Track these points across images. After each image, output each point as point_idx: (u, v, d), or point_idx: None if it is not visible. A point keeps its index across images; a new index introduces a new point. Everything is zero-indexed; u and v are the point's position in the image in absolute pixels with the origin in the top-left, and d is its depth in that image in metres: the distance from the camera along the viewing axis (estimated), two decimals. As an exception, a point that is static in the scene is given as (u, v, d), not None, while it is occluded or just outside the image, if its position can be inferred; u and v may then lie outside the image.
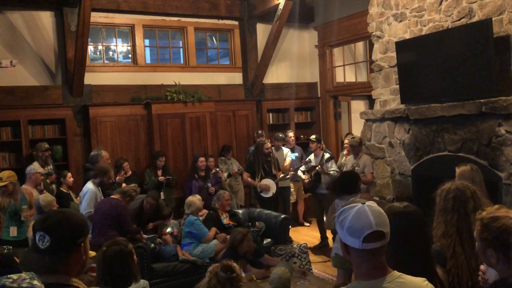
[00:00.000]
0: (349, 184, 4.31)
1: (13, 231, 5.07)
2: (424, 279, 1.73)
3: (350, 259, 1.68)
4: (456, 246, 2.39)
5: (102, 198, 5.42)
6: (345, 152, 6.86)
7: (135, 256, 2.96)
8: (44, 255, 1.67)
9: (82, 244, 1.74)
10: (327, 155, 6.76)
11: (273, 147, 7.15)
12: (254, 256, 4.75)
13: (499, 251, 1.82)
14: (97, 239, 4.79)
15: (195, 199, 5.67)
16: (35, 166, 5.73)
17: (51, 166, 6.27)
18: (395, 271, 1.68)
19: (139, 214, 5.86)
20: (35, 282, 1.52)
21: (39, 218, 1.79)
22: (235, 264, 3.06)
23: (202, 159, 6.98)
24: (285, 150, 7.59)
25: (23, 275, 1.53)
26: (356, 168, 6.00)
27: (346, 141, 7.11)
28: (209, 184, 6.90)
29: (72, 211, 1.89)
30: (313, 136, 7.07)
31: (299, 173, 7.13)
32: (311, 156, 7.01)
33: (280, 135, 7.61)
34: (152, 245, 5.39)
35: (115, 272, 2.78)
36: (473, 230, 2.00)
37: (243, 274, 3.17)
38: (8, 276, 1.50)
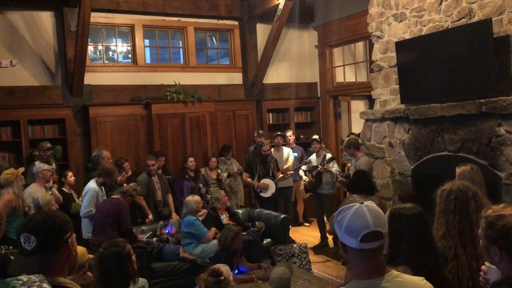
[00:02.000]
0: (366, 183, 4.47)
1: None
2: (422, 278, 1.73)
3: (348, 258, 1.69)
4: (457, 247, 2.40)
5: (104, 197, 5.41)
6: (345, 152, 6.88)
7: (134, 258, 2.93)
8: (32, 256, 1.66)
9: (69, 240, 1.73)
10: (329, 155, 6.76)
11: (272, 148, 7.15)
12: (239, 254, 4.75)
13: (502, 249, 1.83)
14: (97, 238, 4.79)
15: (191, 199, 5.65)
16: (40, 164, 5.70)
17: (53, 166, 6.25)
18: (394, 270, 1.69)
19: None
20: (45, 285, 1.51)
21: (23, 221, 1.77)
22: (222, 268, 3.09)
23: (191, 159, 6.95)
24: (286, 150, 7.60)
25: (33, 277, 1.52)
26: (354, 170, 5.99)
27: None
28: (201, 185, 6.87)
29: (54, 211, 1.88)
30: (316, 136, 7.06)
31: (300, 173, 7.12)
32: (313, 156, 6.99)
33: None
34: (155, 241, 5.41)
35: (112, 274, 2.75)
36: (475, 231, 2.01)
37: (231, 276, 3.21)
38: (18, 278, 1.50)
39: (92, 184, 5.40)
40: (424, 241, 2.04)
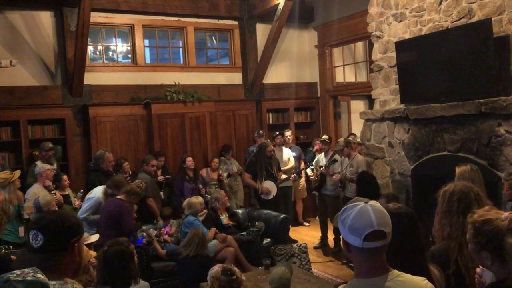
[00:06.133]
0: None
1: (21, 231, 5.06)
2: (423, 278, 1.74)
3: (351, 257, 1.69)
4: (462, 248, 2.37)
5: None
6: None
7: (135, 258, 2.95)
8: (37, 253, 1.70)
9: (76, 244, 1.76)
10: (334, 157, 6.72)
11: (274, 148, 7.15)
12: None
13: (493, 253, 1.82)
14: (100, 239, 4.77)
15: (196, 201, 5.65)
16: (43, 164, 5.68)
17: (54, 166, 6.24)
18: (395, 270, 1.69)
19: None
20: (39, 275, 1.55)
21: (35, 218, 1.82)
22: (235, 268, 3.08)
23: (189, 158, 6.89)
24: (287, 150, 7.59)
25: (26, 270, 1.56)
26: (350, 169, 6.00)
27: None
28: (201, 186, 6.85)
29: (68, 212, 1.91)
30: (326, 137, 6.99)
31: (308, 170, 7.16)
32: (322, 155, 6.98)
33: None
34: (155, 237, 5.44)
35: (114, 272, 2.78)
36: None
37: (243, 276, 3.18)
38: (12, 271, 1.53)
39: (99, 193, 5.33)
40: (404, 240, 1.99)
